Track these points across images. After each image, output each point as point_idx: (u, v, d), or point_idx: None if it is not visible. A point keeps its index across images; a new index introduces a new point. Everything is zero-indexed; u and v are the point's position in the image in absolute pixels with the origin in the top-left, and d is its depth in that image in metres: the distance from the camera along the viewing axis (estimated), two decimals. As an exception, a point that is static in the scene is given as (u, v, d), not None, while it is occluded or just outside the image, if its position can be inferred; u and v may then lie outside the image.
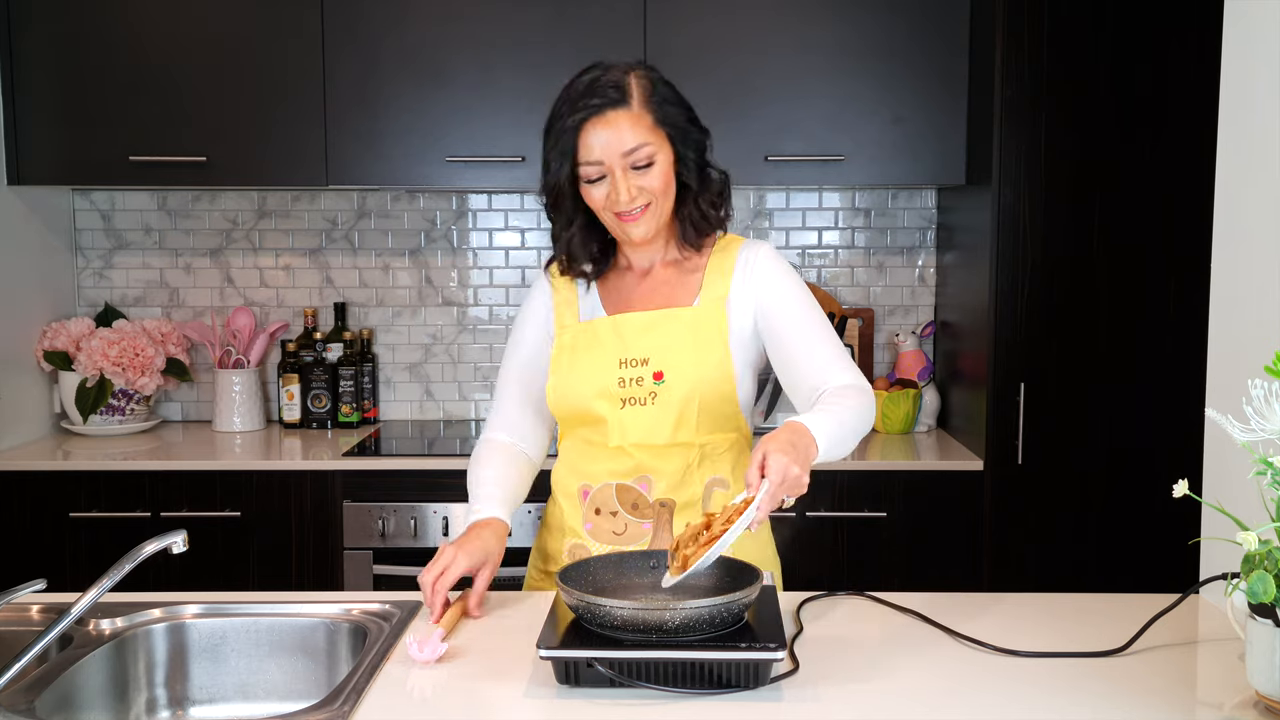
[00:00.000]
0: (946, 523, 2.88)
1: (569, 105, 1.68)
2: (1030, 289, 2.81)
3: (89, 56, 3.03)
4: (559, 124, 1.68)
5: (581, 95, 1.67)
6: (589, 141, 1.66)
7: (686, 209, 1.76)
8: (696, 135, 1.74)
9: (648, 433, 1.75)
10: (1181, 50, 2.74)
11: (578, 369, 1.78)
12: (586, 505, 1.80)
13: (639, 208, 1.69)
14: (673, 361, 1.75)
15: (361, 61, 3.03)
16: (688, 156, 1.73)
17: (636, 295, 1.81)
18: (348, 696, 1.37)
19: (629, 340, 1.77)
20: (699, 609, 1.36)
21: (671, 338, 1.76)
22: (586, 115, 1.66)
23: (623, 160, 1.66)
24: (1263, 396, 1.28)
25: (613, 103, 1.66)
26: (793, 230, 3.44)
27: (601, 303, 1.82)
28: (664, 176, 1.70)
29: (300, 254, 3.47)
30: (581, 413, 1.78)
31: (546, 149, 1.71)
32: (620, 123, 1.66)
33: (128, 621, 1.63)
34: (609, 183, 1.68)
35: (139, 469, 2.88)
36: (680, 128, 1.71)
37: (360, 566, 2.87)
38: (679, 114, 1.72)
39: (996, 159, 2.78)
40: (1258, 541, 1.23)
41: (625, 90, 1.67)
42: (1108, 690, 1.39)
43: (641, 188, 1.68)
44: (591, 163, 1.67)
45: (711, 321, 1.76)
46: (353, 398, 3.34)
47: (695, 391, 1.74)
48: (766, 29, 3.00)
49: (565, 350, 1.81)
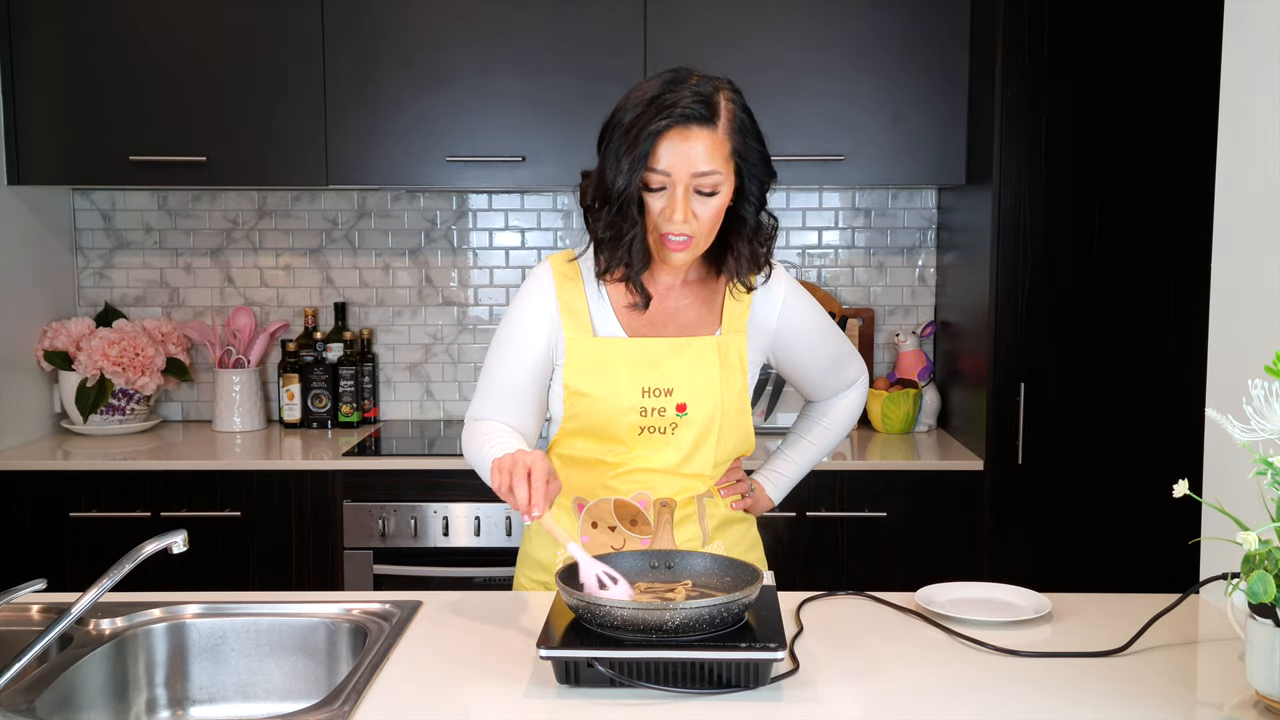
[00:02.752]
0: (946, 523, 2.88)
1: (653, 108, 1.58)
2: (1030, 289, 2.81)
3: (89, 56, 3.03)
4: (637, 125, 1.58)
5: (668, 101, 1.57)
6: (663, 150, 1.58)
7: (741, 245, 1.69)
8: (764, 174, 1.67)
9: (660, 460, 1.73)
10: (1181, 50, 2.74)
11: (601, 392, 1.71)
12: (583, 518, 1.77)
13: (685, 237, 1.62)
14: (696, 394, 1.72)
15: (361, 61, 3.03)
16: (751, 193, 1.67)
17: (658, 317, 1.75)
18: (348, 696, 1.37)
19: (652, 368, 1.71)
20: (698, 609, 1.36)
21: (696, 369, 1.72)
22: (671, 124, 1.57)
23: (691, 180, 1.59)
24: (1263, 396, 1.28)
25: (700, 119, 1.58)
26: (793, 230, 3.44)
27: (618, 319, 1.74)
28: (718, 211, 1.63)
29: (300, 254, 3.47)
30: (599, 432, 1.73)
31: (615, 148, 1.60)
32: (701, 142, 1.58)
33: (128, 621, 1.63)
34: (667, 196, 1.60)
35: (139, 469, 2.88)
36: (754, 164, 1.65)
37: (360, 566, 2.87)
38: (756, 150, 1.65)
39: (996, 159, 2.78)
40: (1258, 541, 1.23)
41: (714, 109, 1.59)
42: (1108, 690, 1.39)
43: (696, 214, 1.61)
44: (659, 171, 1.59)
45: (735, 353, 1.75)
46: (353, 398, 3.34)
47: (715, 424, 1.73)
48: (766, 29, 3.00)
49: (583, 369, 1.71)
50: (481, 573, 2.81)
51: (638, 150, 1.57)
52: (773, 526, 2.80)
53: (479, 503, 2.84)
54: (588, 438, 1.75)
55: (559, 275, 1.75)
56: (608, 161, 1.62)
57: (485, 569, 2.82)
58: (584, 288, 1.74)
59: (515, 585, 1.90)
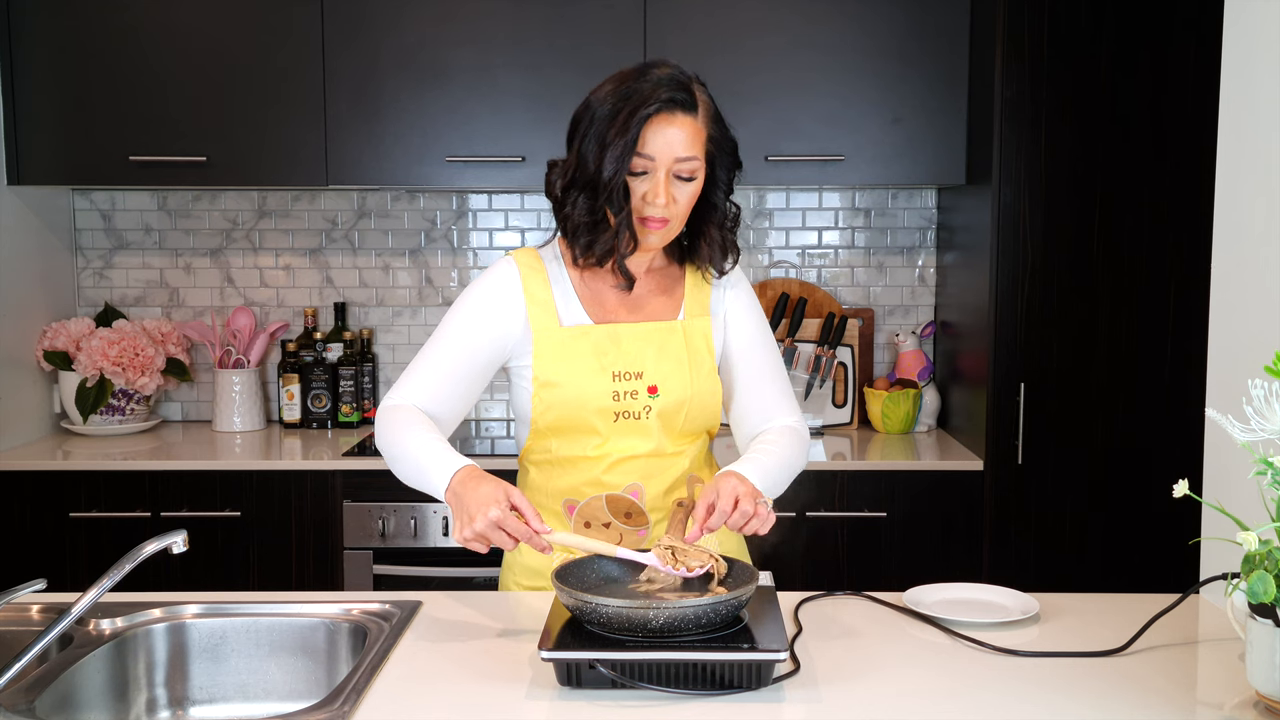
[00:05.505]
0: (946, 523, 2.88)
1: (638, 96, 1.62)
2: (1030, 289, 2.81)
3: (89, 56, 3.03)
4: (623, 112, 1.62)
5: (654, 88, 1.63)
6: (649, 135, 1.63)
7: (711, 232, 1.75)
8: (733, 163, 1.74)
9: (636, 445, 1.74)
10: (1181, 50, 2.74)
11: (571, 380, 1.72)
12: (574, 520, 1.77)
13: (664, 220, 1.67)
14: (666, 375, 1.74)
15: (361, 61, 3.03)
16: (721, 180, 1.73)
17: (623, 305, 1.78)
18: (348, 696, 1.37)
19: (621, 353, 1.74)
20: (683, 609, 1.36)
21: (664, 351, 1.75)
22: (659, 109, 1.62)
23: (673, 165, 1.64)
24: (1263, 396, 1.29)
25: (684, 106, 1.64)
26: (793, 230, 3.44)
27: (584, 307, 1.76)
28: (693, 197, 1.69)
29: (300, 254, 3.47)
30: (573, 424, 1.74)
31: (598, 135, 1.64)
32: (685, 128, 1.64)
33: (128, 621, 1.63)
34: (650, 180, 1.65)
35: (139, 469, 2.88)
36: (725, 154, 1.71)
37: (360, 566, 2.87)
38: (727, 139, 1.71)
39: (996, 159, 2.79)
40: (1258, 541, 1.23)
41: (694, 98, 1.66)
42: (1108, 690, 1.39)
43: (675, 199, 1.66)
44: (644, 155, 1.63)
45: (700, 336, 1.79)
46: (353, 398, 3.34)
47: (687, 405, 1.75)
48: (766, 29, 3.00)
49: (552, 358, 1.72)
50: (481, 573, 2.81)
51: (627, 136, 1.62)
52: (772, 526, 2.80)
53: (479, 503, 2.84)
54: (562, 435, 1.76)
55: (524, 268, 1.77)
56: (587, 149, 1.65)
57: (485, 569, 2.81)
58: (548, 278, 1.77)
59: (500, 588, 1.89)
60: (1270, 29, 1.66)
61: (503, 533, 1.51)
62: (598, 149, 1.64)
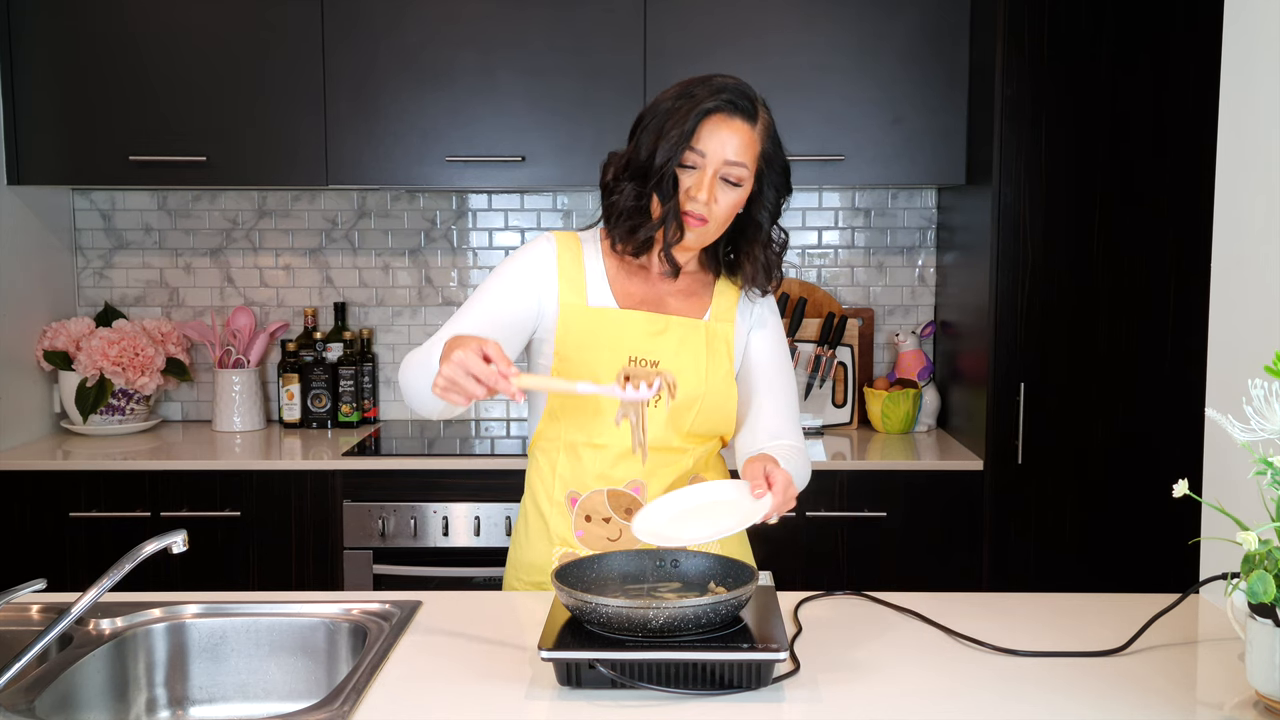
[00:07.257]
0: (946, 523, 2.88)
1: (702, 94, 1.67)
2: (1030, 289, 2.81)
3: (89, 56, 3.03)
4: (686, 105, 1.67)
5: (718, 91, 1.68)
6: (705, 131, 1.67)
7: (755, 250, 1.77)
8: (782, 185, 1.76)
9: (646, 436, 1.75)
10: (1182, 50, 2.74)
11: (589, 358, 1.74)
12: (576, 513, 1.78)
13: (703, 218, 1.69)
14: (681, 369, 1.75)
15: (361, 61, 3.03)
16: (768, 199, 1.75)
17: (650, 296, 1.80)
18: (348, 696, 1.37)
19: (641, 339, 1.76)
20: (683, 609, 1.36)
21: (683, 345, 1.77)
22: (719, 108, 1.67)
23: (721, 166, 1.67)
24: (1263, 396, 1.29)
25: (744, 113, 1.69)
26: (793, 230, 3.44)
27: (613, 293, 1.79)
28: (735, 206, 1.71)
29: (300, 254, 3.47)
30: (584, 403, 1.76)
31: (658, 126, 1.68)
32: (740, 133, 1.68)
33: (128, 621, 1.63)
34: (696, 175, 1.68)
35: (139, 469, 2.88)
36: (776, 173, 1.74)
37: (360, 566, 2.87)
38: (781, 159, 1.75)
39: (996, 159, 2.78)
40: (1258, 541, 1.23)
41: (756, 109, 1.71)
42: (1108, 690, 1.39)
43: (716, 199, 1.68)
44: (696, 150, 1.67)
45: (721, 339, 1.80)
46: (353, 397, 3.34)
47: (699, 402, 1.76)
48: (766, 29, 3.00)
49: (575, 334, 1.75)
50: (481, 573, 2.81)
51: (684, 128, 1.66)
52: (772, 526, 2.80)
53: (479, 503, 2.84)
54: (571, 417, 1.77)
55: (561, 246, 1.80)
56: (643, 139, 1.70)
57: (485, 569, 2.82)
58: (583, 259, 1.80)
59: (505, 588, 1.90)
60: (1270, 28, 1.66)
61: (471, 378, 1.46)
62: (654, 138, 1.68)
